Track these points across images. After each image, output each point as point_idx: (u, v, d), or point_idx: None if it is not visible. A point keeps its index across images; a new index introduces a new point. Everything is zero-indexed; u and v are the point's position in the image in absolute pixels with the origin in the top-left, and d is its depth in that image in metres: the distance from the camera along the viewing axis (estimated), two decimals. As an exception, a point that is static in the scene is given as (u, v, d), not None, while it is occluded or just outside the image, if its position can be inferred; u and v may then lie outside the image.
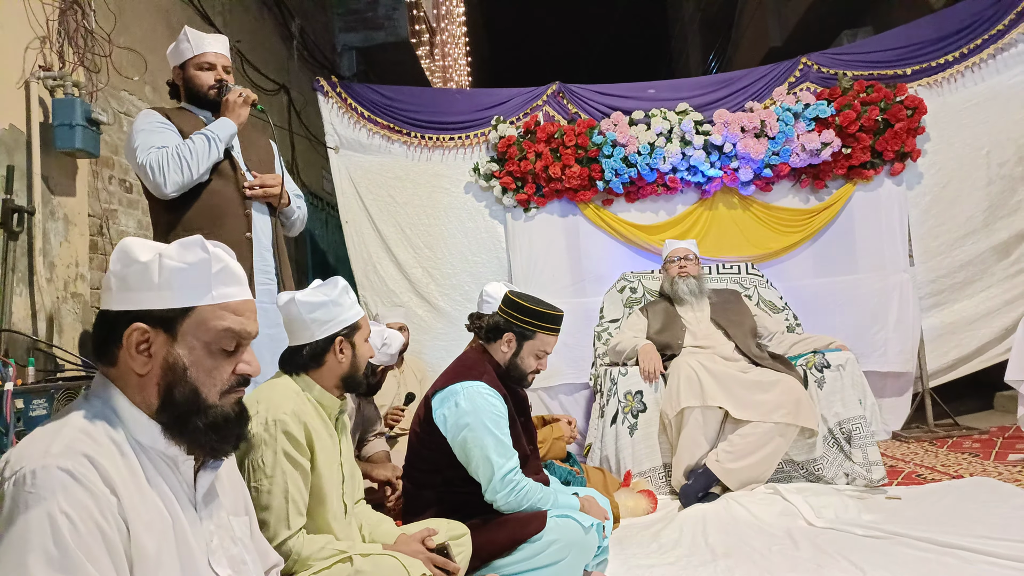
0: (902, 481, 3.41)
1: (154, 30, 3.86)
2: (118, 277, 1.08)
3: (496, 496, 2.15)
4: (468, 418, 2.15)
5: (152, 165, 2.32)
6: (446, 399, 2.22)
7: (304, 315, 1.82)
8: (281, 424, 1.66)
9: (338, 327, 1.83)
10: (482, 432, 2.14)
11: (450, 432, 2.18)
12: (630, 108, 4.82)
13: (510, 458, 2.16)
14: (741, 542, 2.73)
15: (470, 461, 2.17)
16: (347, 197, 4.91)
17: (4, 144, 2.78)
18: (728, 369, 3.53)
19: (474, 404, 2.16)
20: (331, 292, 1.85)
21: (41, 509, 0.89)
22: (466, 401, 2.17)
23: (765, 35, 9.40)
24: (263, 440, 1.64)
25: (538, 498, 2.20)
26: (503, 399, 2.25)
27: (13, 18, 2.87)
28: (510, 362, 2.33)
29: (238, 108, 2.52)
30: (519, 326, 2.31)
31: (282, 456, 1.64)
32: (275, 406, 1.69)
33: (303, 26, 6.22)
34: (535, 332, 2.31)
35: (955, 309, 4.71)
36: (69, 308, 3.11)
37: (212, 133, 2.41)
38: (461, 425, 2.16)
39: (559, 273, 4.90)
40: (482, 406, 2.17)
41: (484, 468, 2.14)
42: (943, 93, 4.74)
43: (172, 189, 2.34)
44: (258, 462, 1.63)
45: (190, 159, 2.34)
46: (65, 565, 0.89)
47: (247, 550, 1.23)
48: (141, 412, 1.07)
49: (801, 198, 4.88)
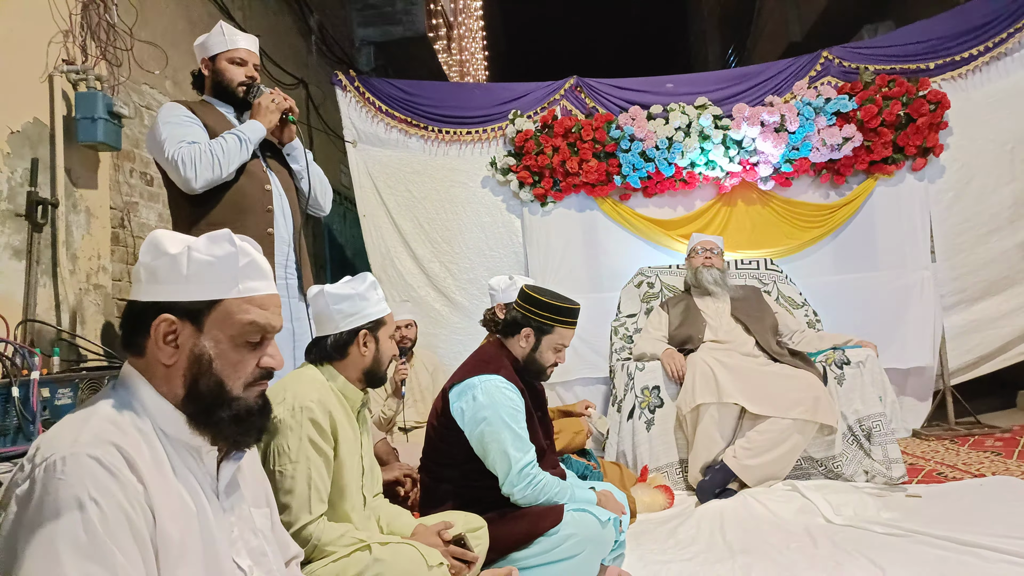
0: (922, 479, 3.38)
1: (174, 25, 3.89)
2: (147, 269, 1.09)
3: (513, 490, 2.15)
4: (485, 412, 2.16)
5: (184, 159, 2.34)
6: (463, 392, 2.23)
7: (330, 306, 1.87)
8: (307, 411, 1.69)
9: (363, 320, 1.88)
10: (499, 426, 2.14)
11: (467, 426, 2.19)
12: (648, 102, 4.79)
13: (527, 452, 2.17)
14: (759, 539, 2.72)
15: (487, 455, 2.18)
16: (365, 191, 4.92)
17: (28, 137, 2.82)
18: (746, 364, 3.51)
19: (492, 398, 2.17)
20: (359, 286, 1.89)
21: (71, 495, 0.91)
22: (484, 395, 2.18)
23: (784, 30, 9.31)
24: (289, 426, 1.67)
25: (555, 492, 2.20)
26: (520, 393, 2.25)
27: (37, 13, 2.90)
28: (528, 356, 2.34)
29: (269, 113, 2.53)
30: (537, 320, 2.31)
31: (307, 442, 1.67)
32: (302, 394, 1.73)
33: (321, 21, 6.24)
34: (553, 326, 2.31)
35: (978, 307, 4.64)
36: (91, 300, 3.14)
37: (243, 135, 2.42)
38: (479, 419, 2.16)
39: (576, 268, 4.89)
40: (499, 400, 2.17)
41: (501, 462, 2.15)
42: (967, 87, 4.67)
43: (201, 185, 2.36)
44: (283, 447, 1.67)
45: (222, 158, 2.36)
46: (93, 551, 0.90)
47: (267, 542, 1.24)
48: (167, 402, 1.09)
49: (821, 193, 4.83)
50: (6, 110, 2.71)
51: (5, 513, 0.94)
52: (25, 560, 0.89)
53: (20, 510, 0.92)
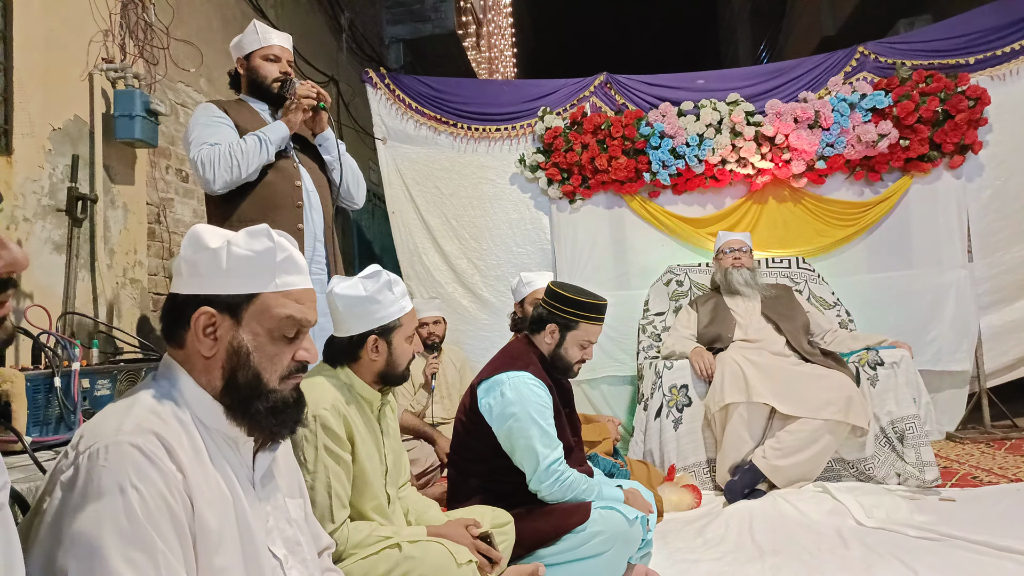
0: (956, 483, 3.31)
1: (209, 24, 3.95)
2: (188, 262, 1.12)
3: (540, 486, 2.16)
4: (513, 408, 2.16)
5: (204, 161, 2.38)
6: (491, 389, 2.23)
7: (340, 308, 1.80)
8: (321, 419, 1.66)
9: (373, 324, 1.79)
10: (527, 422, 2.15)
11: (495, 421, 2.20)
12: (679, 99, 4.75)
13: (555, 448, 2.17)
14: (789, 540, 2.69)
15: (515, 451, 2.18)
16: (394, 188, 4.95)
17: (69, 135, 2.88)
18: (776, 363, 3.47)
19: (519, 394, 2.17)
20: (370, 287, 1.80)
21: (114, 483, 0.93)
22: (512, 391, 2.18)
23: (818, 25, 9.17)
24: (304, 436, 1.65)
25: (582, 489, 2.20)
26: (548, 389, 2.25)
27: (78, 13, 2.97)
28: (554, 353, 2.34)
29: (290, 114, 2.55)
30: (562, 317, 2.31)
31: (323, 451, 1.66)
32: (314, 401, 1.67)
33: (352, 19, 6.30)
34: (578, 322, 2.30)
35: (1016, 307, 4.53)
36: (128, 293, 3.21)
37: (265, 136, 2.45)
38: (507, 415, 2.17)
39: (604, 265, 4.87)
40: (527, 396, 2.18)
41: (529, 458, 2.15)
42: (1008, 83, 4.55)
43: (220, 186, 2.40)
44: (300, 458, 1.64)
45: (240, 159, 2.39)
46: (135, 537, 0.93)
47: (301, 531, 1.27)
48: (206, 393, 1.11)
49: (855, 191, 4.75)
50: (49, 108, 2.78)
51: (50, 499, 0.96)
52: (69, 543, 0.91)
53: (65, 495, 0.95)
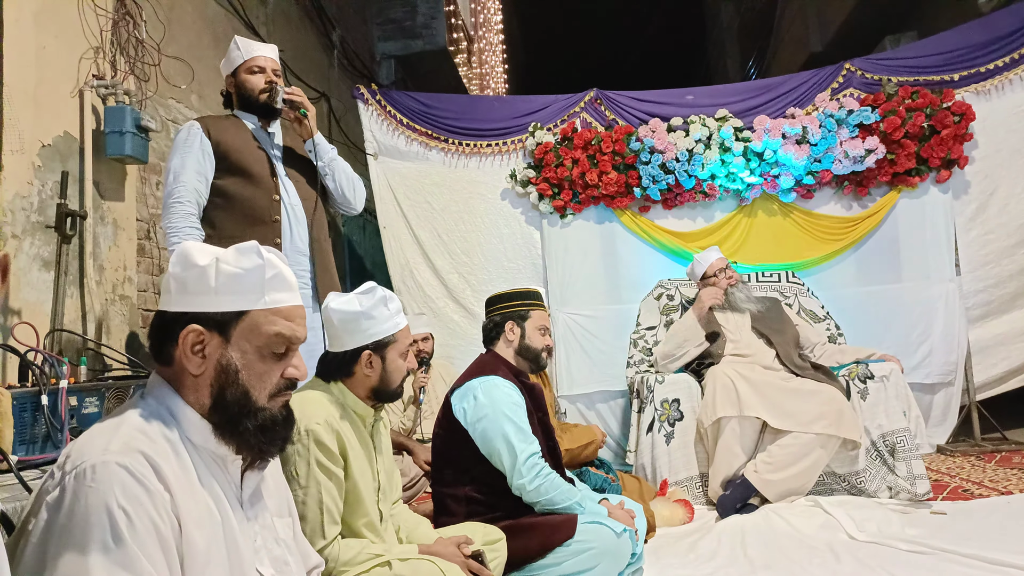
0: (948, 496, 3.32)
1: (200, 40, 3.96)
2: (177, 280, 1.11)
3: (523, 480, 2.17)
4: (486, 409, 2.24)
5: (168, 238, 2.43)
6: (464, 395, 2.31)
7: (335, 323, 1.82)
8: (313, 434, 1.66)
9: (367, 340, 1.80)
10: (501, 420, 2.21)
11: (470, 425, 2.25)
12: (668, 114, 4.79)
13: (531, 443, 2.23)
14: (781, 554, 2.68)
15: (492, 451, 2.22)
16: (385, 203, 4.96)
17: (59, 151, 2.88)
18: (767, 378, 3.48)
19: (491, 396, 2.26)
20: (365, 303, 1.81)
21: (100, 503, 0.92)
22: (484, 395, 2.27)
23: (805, 41, 9.27)
24: (296, 451, 1.65)
25: (565, 489, 2.23)
26: (520, 391, 2.34)
27: (69, 29, 2.97)
28: (520, 346, 2.46)
29: None
30: (514, 311, 2.47)
31: (315, 466, 1.65)
32: (308, 416, 1.68)
33: (343, 36, 6.33)
34: (528, 310, 2.48)
35: (1004, 320, 4.57)
36: (117, 310, 3.19)
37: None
38: (480, 416, 2.23)
39: (595, 280, 4.88)
40: (499, 397, 2.26)
41: (507, 454, 2.19)
42: (992, 99, 4.62)
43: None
44: (292, 472, 1.64)
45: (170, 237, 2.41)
46: (121, 558, 0.91)
47: (290, 551, 1.25)
48: (194, 412, 1.10)
49: (844, 205, 4.79)
50: (38, 124, 2.77)
51: (36, 520, 0.95)
52: (55, 565, 0.90)
53: (50, 517, 0.93)
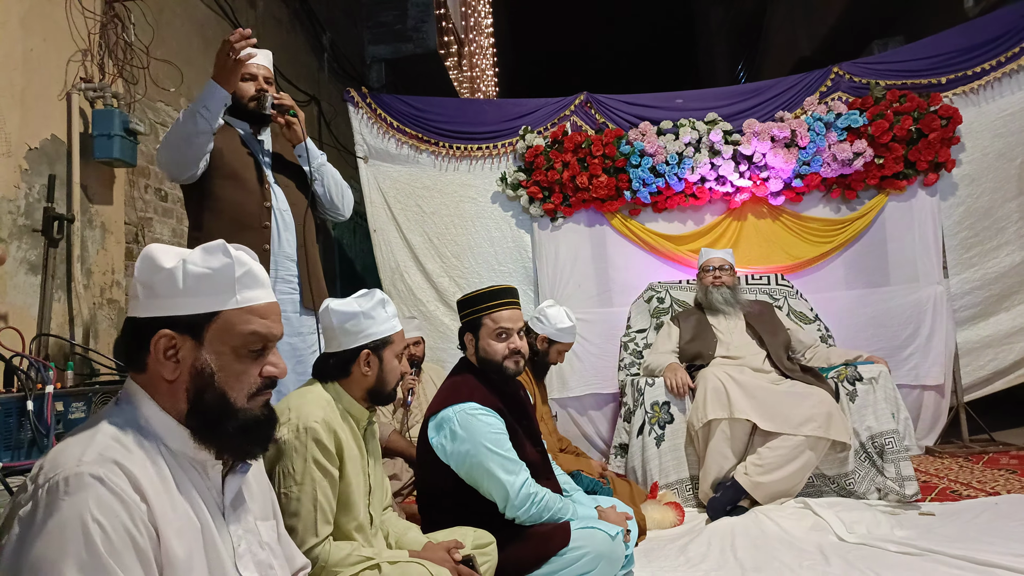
0: (936, 497, 3.34)
1: (189, 43, 3.95)
2: (144, 285, 1.09)
3: (517, 512, 2.14)
4: (467, 445, 2.13)
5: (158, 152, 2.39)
6: (441, 427, 2.21)
7: (334, 323, 1.85)
8: (312, 432, 1.67)
9: (365, 340, 1.84)
10: (484, 456, 2.12)
11: (452, 461, 2.17)
12: (658, 118, 4.81)
13: (519, 472, 2.15)
14: (770, 557, 2.69)
15: (480, 485, 2.16)
16: (375, 206, 4.95)
17: (46, 154, 2.86)
18: (757, 380, 3.49)
19: (469, 429, 2.14)
20: (365, 304, 1.86)
21: (74, 516, 0.90)
22: (461, 428, 2.15)
23: (794, 45, 9.33)
24: (294, 447, 1.66)
25: (558, 507, 2.20)
26: (498, 413, 2.22)
27: (57, 32, 2.95)
28: (480, 358, 2.32)
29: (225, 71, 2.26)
30: (468, 321, 2.34)
31: (312, 464, 1.66)
32: (306, 414, 1.70)
33: (333, 39, 6.32)
34: (480, 316, 2.30)
35: (991, 322, 4.61)
36: (104, 314, 3.17)
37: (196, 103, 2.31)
38: (462, 452, 2.14)
39: (586, 283, 4.89)
40: (477, 428, 2.14)
41: (497, 489, 2.13)
42: (979, 102, 4.66)
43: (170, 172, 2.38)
44: (288, 469, 1.65)
45: (172, 135, 2.32)
46: (97, 572, 0.89)
47: (274, 554, 1.24)
48: (171, 418, 1.08)
49: (832, 208, 4.82)
50: (25, 127, 2.76)
51: (8, 535, 0.92)
52: None
53: (23, 531, 0.91)
